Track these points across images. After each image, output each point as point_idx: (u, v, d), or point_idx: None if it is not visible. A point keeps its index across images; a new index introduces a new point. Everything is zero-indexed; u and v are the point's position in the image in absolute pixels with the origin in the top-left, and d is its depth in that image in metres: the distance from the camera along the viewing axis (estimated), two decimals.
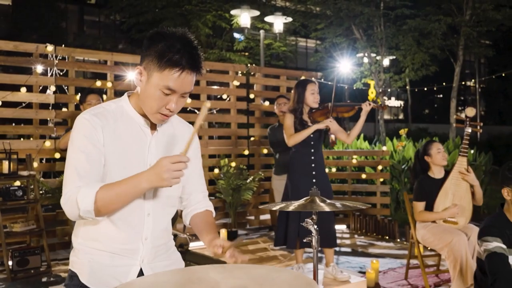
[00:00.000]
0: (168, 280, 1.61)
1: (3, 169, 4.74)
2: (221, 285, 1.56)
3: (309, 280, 1.67)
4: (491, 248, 2.51)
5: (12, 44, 5.30)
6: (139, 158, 1.64)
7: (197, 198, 1.87)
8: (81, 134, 1.59)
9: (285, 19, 11.02)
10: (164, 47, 1.55)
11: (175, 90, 1.58)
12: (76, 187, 1.54)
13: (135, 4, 12.16)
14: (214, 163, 6.56)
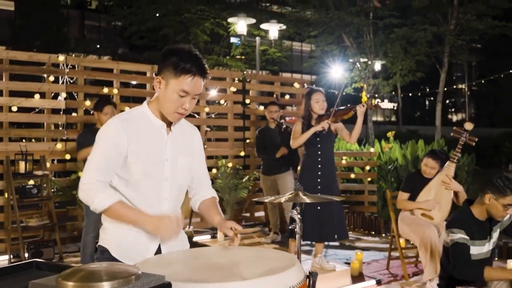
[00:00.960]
0: (178, 258, 1.99)
1: (20, 169, 5.11)
2: (219, 260, 1.94)
3: (291, 256, 2.06)
4: (455, 239, 2.87)
5: (26, 54, 5.67)
6: (158, 153, 2.00)
7: (204, 188, 2.24)
8: (105, 136, 1.96)
9: (279, 27, 11.40)
10: (177, 59, 1.91)
11: (188, 92, 1.94)
12: (96, 181, 1.91)
13: (136, 12, 12.54)
14: (212, 164, 6.93)
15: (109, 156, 1.94)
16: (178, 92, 1.93)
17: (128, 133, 1.95)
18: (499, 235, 3.12)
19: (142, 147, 1.97)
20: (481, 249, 2.93)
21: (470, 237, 2.87)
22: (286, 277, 1.75)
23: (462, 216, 2.99)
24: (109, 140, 1.95)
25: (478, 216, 2.94)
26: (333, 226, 4.31)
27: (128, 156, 1.95)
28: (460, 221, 2.95)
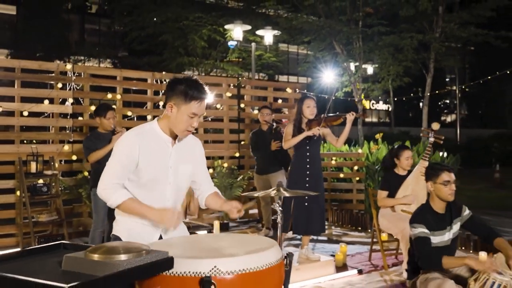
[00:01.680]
0: (178, 241, 2.39)
1: (31, 169, 5.51)
2: (211, 243, 2.34)
3: (271, 240, 2.46)
4: (416, 233, 3.27)
5: (37, 63, 6.09)
6: (163, 162, 2.40)
7: (207, 186, 2.64)
8: (121, 147, 2.35)
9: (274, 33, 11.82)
10: (186, 88, 2.30)
11: (197, 114, 2.34)
12: (113, 183, 2.31)
13: (137, 20, 12.94)
14: (209, 164, 7.26)
15: (123, 164, 2.34)
16: (188, 114, 2.32)
17: (140, 145, 2.34)
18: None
19: (151, 157, 2.36)
20: (442, 238, 3.33)
21: (430, 229, 3.26)
22: (266, 256, 2.15)
23: (422, 212, 3.39)
24: (124, 151, 2.35)
25: (437, 209, 3.35)
26: (318, 222, 4.72)
27: (139, 163, 2.34)
28: (420, 216, 3.35)
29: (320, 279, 4.57)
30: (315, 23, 11.20)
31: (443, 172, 3.32)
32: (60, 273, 1.75)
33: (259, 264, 2.10)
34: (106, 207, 4.70)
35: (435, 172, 3.34)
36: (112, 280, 1.68)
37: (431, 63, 11.69)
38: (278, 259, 2.24)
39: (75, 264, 1.77)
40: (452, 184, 3.31)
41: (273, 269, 2.18)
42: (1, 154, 5.80)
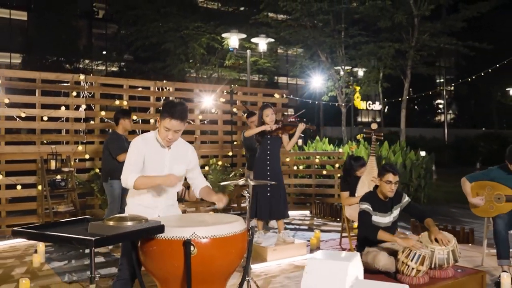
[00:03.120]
0: (170, 217, 3.19)
1: (51, 166, 6.33)
2: (194, 218, 3.14)
3: (238, 217, 3.25)
4: (362, 208, 4.06)
5: (54, 75, 6.92)
6: (160, 163, 3.15)
7: (200, 181, 3.39)
8: (134, 147, 3.12)
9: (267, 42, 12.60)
10: (164, 109, 3.09)
11: (169, 128, 3.11)
12: (129, 172, 3.06)
13: (141, 29, 13.76)
14: (204, 162, 8.13)
15: (136, 160, 3.10)
16: (164, 128, 3.09)
17: (145, 148, 3.12)
18: None
19: (151, 158, 3.13)
20: (383, 219, 4.11)
21: (373, 209, 4.06)
22: (232, 226, 2.94)
23: (370, 195, 4.18)
24: (135, 151, 3.11)
25: (380, 196, 4.14)
26: (280, 208, 5.50)
27: (144, 161, 3.13)
28: (367, 197, 4.14)
29: (295, 258, 5.36)
30: (302, 34, 12.02)
31: (389, 173, 4.01)
32: (87, 233, 2.56)
33: (226, 232, 2.90)
34: (120, 196, 5.57)
35: (383, 172, 4.04)
36: (122, 237, 2.50)
37: (408, 69, 12.49)
38: (242, 230, 3.04)
39: (97, 228, 2.58)
40: (393, 184, 4.04)
41: (237, 236, 2.98)
42: (25, 154, 6.64)
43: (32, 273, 4.96)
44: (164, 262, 2.84)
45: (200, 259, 2.80)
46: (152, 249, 2.85)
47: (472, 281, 3.94)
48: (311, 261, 2.34)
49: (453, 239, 3.92)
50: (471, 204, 4.89)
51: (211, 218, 3.18)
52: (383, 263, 3.78)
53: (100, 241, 2.36)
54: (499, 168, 4.83)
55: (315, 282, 2.09)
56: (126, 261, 3.10)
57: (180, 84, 8.38)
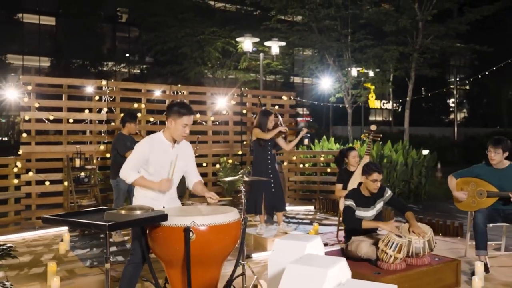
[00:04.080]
0: (173, 208, 3.62)
1: (76, 164, 6.84)
2: (194, 209, 3.57)
3: (232, 208, 3.66)
4: (346, 204, 4.43)
5: (79, 81, 7.44)
6: (166, 159, 3.55)
7: (194, 176, 3.78)
8: (138, 148, 3.55)
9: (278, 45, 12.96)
10: (179, 108, 3.49)
11: (187, 124, 3.52)
12: (130, 169, 3.47)
13: (160, 35, 14.28)
14: (216, 160, 8.57)
15: (138, 159, 3.50)
16: (182, 125, 3.51)
17: (151, 148, 3.52)
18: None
19: (157, 155, 3.54)
20: (366, 214, 4.47)
21: (356, 205, 4.42)
22: (226, 216, 3.35)
23: (354, 192, 4.54)
24: (140, 151, 3.51)
25: (364, 193, 4.49)
26: (281, 202, 5.92)
27: (149, 159, 3.53)
28: (351, 194, 4.51)
29: None
30: (310, 39, 12.37)
31: (374, 172, 4.34)
32: (103, 220, 3.00)
33: (221, 221, 3.31)
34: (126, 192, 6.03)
35: (369, 171, 4.36)
36: (131, 223, 2.95)
37: (412, 71, 12.71)
38: (235, 219, 3.44)
39: (111, 216, 3.02)
40: (378, 182, 4.40)
41: (231, 225, 3.39)
42: (53, 153, 7.18)
43: (58, 259, 5.47)
44: (168, 246, 3.27)
45: (198, 244, 3.22)
46: (158, 235, 3.28)
47: (447, 268, 4.28)
48: (277, 241, 2.74)
49: (429, 231, 4.26)
50: (455, 198, 5.20)
51: (209, 209, 3.59)
52: (365, 251, 4.15)
53: (113, 226, 2.80)
54: (483, 166, 5.14)
55: (280, 259, 2.47)
56: (137, 247, 3.52)
57: (194, 87, 8.82)
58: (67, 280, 4.67)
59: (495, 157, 4.91)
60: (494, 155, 4.92)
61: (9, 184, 6.91)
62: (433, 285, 4.15)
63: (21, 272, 4.99)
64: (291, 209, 8.72)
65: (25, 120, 6.98)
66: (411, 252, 4.13)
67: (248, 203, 6.17)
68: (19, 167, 6.93)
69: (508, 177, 4.89)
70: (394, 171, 9.19)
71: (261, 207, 5.98)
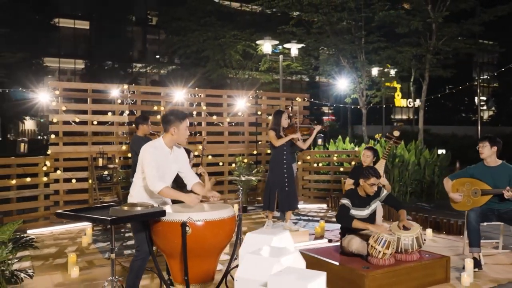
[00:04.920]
0: (176, 205, 3.93)
1: (99, 163, 7.28)
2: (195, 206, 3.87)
3: (229, 206, 3.94)
4: (342, 202, 4.64)
5: (103, 85, 7.89)
6: (167, 163, 3.83)
7: (192, 177, 4.05)
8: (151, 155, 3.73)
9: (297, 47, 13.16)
10: (177, 114, 3.80)
11: (187, 125, 3.83)
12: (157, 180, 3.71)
13: (183, 39, 14.73)
14: (232, 160, 8.88)
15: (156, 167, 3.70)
16: (185, 128, 3.80)
17: (156, 153, 3.82)
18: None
19: (161, 161, 3.82)
20: (361, 213, 4.64)
21: (352, 204, 4.61)
22: (221, 213, 3.63)
23: (351, 192, 4.74)
24: (153, 157, 3.73)
25: (360, 193, 4.68)
26: (295, 200, 6.16)
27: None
28: (348, 194, 4.71)
29: (298, 245, 5.93)
30: (324, 42, 12.52)
31: (372, 177, 4.50)
32: (108, 215, 3.34)
33: (216, 217, 3.59)
34: None
35: (367, 176, 4.52)
36: (131, 218, 3.28)
37: (426, 72, 12.67)
38: (230, 216, 3.72)
39: (115, 212, 3.36)
40: (375, 186, 4.57)
41: (225, 221, 3.67)
42: (79, 153, 7.65)
43: (80, 250, 5.90)
44: (168, 239, 3.59)
45: (194, 238, 3.51)
46: (158, 229, 3.60)
47: (436, 264, 4.44)
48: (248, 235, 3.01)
49: (417, 228, 4.43)
50: (450, 199, 5.32)
51: (206, 206, 3.89)
52: (355, 246, 4.37)
53: (115, 220, 3.13)
54: (477, 166, 5.25)
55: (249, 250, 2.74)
56: (142, 242, 3.78)
57: (210, 90, 9.17)
58: (86, 270, 5.07)
59: (483, 150, 5.04)
60: (481, 148, 5.05)
61: (39, 181, 7.41)
62: (421, 280, 4.32)
63: (46, 262, 5.42)
64: (304, 206, 8.94)
65: (53, 123, 7.47)
66: (400, 248, 4.32)
67: (263, 200, 6.47)
68: (48, 166, 7.42)
69: (500, 175, 5.00)
70: (406, 171, 9.26)
71: (274, 204, 6.23)
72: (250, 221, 7.70)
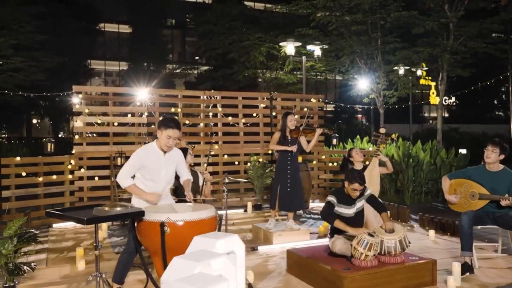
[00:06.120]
0: (159, 206, 4.04)
1: (117, 162, 7.54)
2: (175, 207, 3.96)
3: (211, 206, 4.00)
4: (328, 199, 4.58)
5: (123, 89, 8.18)
6: (159, 166, 3.95)
7: (183, 175, 4.17)
8: (135, 156, 3.95)
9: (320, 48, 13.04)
10: (165, 122, 3.91)
11: (171, 136, 3.93)
12: (126, 176, 3.91)
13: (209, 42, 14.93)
14: (247, 159, 8.95)
15: (133, 165, 3.92)
16: (166, 136, 3.92)
17: (146, 156, 3.94)
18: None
19: (151, 163, 3.94)
20: (347, 211, 4.57)
21: (338, 201, 4.56)
22: (200, 213, 3.71)
23: (339, 190, 4.68)
24: (136, 158, 3.93)
25: (347, 192, 4.63)
26: (298, 201, 6.13)
27: (145, 166, 3.95)
28: (335, 192, 4.65)
29: (297, 243, 5.93)
30: (339, 44, 12.31)
31: (356, 182, 4.43)
32: (91, 215, 3.48)
33: (195, 217, 3.67)
34: None
35: (352, 180, 4.45)
36: (109, 218, 3.42)
37: (443, 72, 12.19)
38: (209, 216, 3.78)
39: (97, 211, 3.51)
40: (358, 191, 4.50)
41: (205, 221, 3.73)
42: (101, 152, 7.95)
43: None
44: (149, 238, 3.70)
45: (173, 237, 3.61)
46: (141, 228, 3.73)
47: (421, 268, 4.33)
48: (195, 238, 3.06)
49: (401, 231, 4.33)
50: (447, 200, 5.16)
51: (188, 207, 3.97)
52: (338, 247, 4.33)
53: (90, 220, 3.27)
54: (477, 168, 5.05)
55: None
56: (131, 238, 3.96)
57: (225, 92, 9.26)
58: (93, 263, 5.28)
59: (491, 155, 4.81)
60: (490, 153, 4.81)
61: (65, 179, 7.77)
62: (405, 283, 4.23)
63: (61, 255, 5.71)
64: (317, 205, 8.90)
65: (77, 124, 7.80)
66: (383, 250, 4.24)
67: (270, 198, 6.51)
68: (73, 164, 7.77)
69: (500, 180, 4.79)
70: (421, 171, 9.02)
71: (275, 203, 6.25)
72: (261, 219, 7.76)
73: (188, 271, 2.21)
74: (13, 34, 12.25)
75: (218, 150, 8.68)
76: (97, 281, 3.58)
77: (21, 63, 12.24)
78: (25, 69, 12.65)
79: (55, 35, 17.54)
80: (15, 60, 12.14)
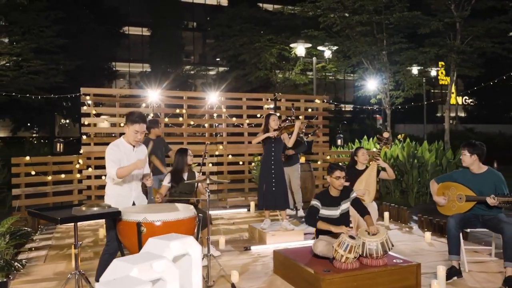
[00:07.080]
0: (137, 206, 4.04)
1: None
2: (153, 207, 3.95)
3: (189, 206, 3.98)
4: (312, 203, 4.49)
5: (130, 91, 8.27)
6: (129, 160, 3.95)
7: (145, 169, 4.19)
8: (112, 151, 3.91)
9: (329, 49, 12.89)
10: (132, 117, 3.89)
11: (138, 131, 3.92)
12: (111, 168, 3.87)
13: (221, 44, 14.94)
14: (251, 159, 8.91)
15: (115, 159, 3.89)
16: (133, 131, 3.92)
17: (119, 150, 3.97)
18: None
19: (123, 157, 4.00)
20: (332, 213, 4.47)
21: (323, 205, 4.46)
22: (177, 214, 3.69)
23: (322, 193, 4.59)
24: (114, 152, 3.92)
25: (332, 194, 4.52)
26: (283, 200, 6.01)
27: (119, 159, 3.98)
28: (319, 195, 4.56)
29: (291, 243, 5.84)
30: (344, 45, 12.08)
31: (336, 170, 4.41)
32: (65, 215, 3.50)
33: (172, 218, 3.65)
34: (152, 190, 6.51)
35: (332, 170, 4.43)
36: (84, 218, 3.42)
37: (451, 71, 11.81)
38: (186, 216, 3.76)
39: (75, 211, 3.52)
40: (341, 179, 4.43)
41: (183, 221, 3.71)
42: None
43: (95, 242, 6.23)
44: (127, 237, 3.71)
45: (150, 237, 3.61)
46: (120, 228, 3.74)
47: (404, 271, 4.19)
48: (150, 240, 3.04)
49: (384, 233, 4.21)
50: (436, 202, 5.00)
51: (167, 207, 3.96)
52: (319, 249, 4.24)
53: (64, 219, 3.29)
54: (461, 171, 4.88)
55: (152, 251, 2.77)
56: (112, 239, 3.96)
57: (230, 94, 9.24)
58: (88, 260, 5.34)
59: (463, 158, 4.68)
60: (463, 156, 4.69)
61: (73, 178, 7.91)
62: (387, 286, 4.11)
63: (60, 252, 5.79)
64: None
65: (85, 125, 7.92)
66: (365, 253, 4.13)
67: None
68: (81, 164, 7.90)
69: (485, 182, 4.60)
70: (426, 171, 8.78)
71: (262, 203, 6.14)
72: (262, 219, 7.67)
73: (124, 273, 2.18)
74: (34, 39, 12.57)
75: (222, 150, 8.67)
76: (75, 279, 3.60)
77: (41, 66, 12.56)
78: (45, 72, 12.97)
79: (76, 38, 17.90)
80: (35, 63, 12.45)
